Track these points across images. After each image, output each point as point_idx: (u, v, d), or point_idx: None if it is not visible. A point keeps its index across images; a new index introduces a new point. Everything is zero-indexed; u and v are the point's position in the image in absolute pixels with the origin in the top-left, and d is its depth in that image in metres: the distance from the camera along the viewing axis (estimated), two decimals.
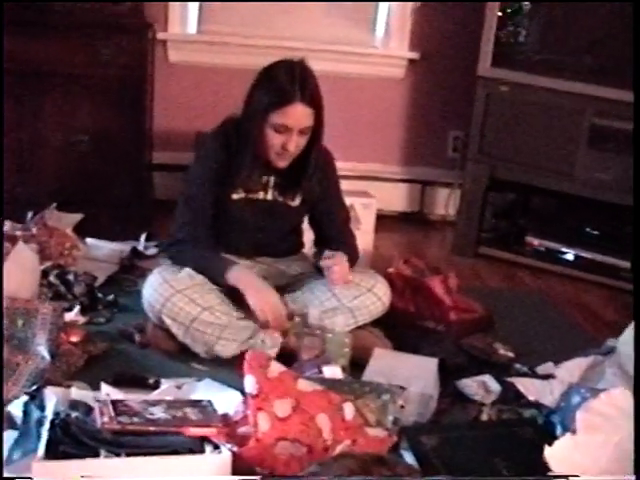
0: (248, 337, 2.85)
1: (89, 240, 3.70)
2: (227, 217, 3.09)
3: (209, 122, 3.22)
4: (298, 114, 2.90)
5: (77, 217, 3.72)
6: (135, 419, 2.19)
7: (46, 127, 3.96)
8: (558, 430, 2.46)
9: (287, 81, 2.89)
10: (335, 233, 3.22)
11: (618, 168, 4.04)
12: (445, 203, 4.99)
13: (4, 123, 3.79)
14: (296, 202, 3.14)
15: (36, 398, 2.25)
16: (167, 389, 2.53)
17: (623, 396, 2.47)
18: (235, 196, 3.06)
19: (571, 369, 2.83)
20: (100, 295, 3.23)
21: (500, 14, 4.12)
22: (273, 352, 2.80)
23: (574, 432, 2.33)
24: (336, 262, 2.98)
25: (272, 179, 3.09)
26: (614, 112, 4.00)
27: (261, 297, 2.90)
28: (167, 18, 4.52)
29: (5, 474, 1.96)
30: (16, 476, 1.93)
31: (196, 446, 2.15)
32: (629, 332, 2.93)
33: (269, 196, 3.11)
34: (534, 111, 4.14)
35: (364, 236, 3.96)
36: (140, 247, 3.77)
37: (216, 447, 2.18)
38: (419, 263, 3.56)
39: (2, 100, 3.73)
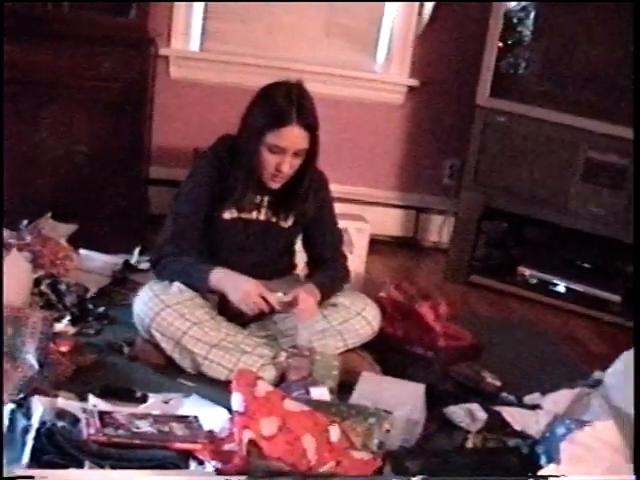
0: (237, 360, 2.84)
1: (82, 251, 3.70)
2: (219, 236, 3.10)
3: (207, 139, 3.22)
4: (293, 136, 2.91)
5: (72, 227, 3.73)
6: (121, 432, 2.20)
7: (44, 136, 3.96)
8: (542, 460, 2.46)
9: (284, 102, 2.90)
10: (327, 255, 3.23)
11: (611, 202, 4.06)
12: (439, 230, 5.01)
13: (4, 128, 3.80)
14: (289, 223, 3.15)
15: (23, 406, 2.25)
16: (154, 403, 2.53)
17: (608, 429, 2.49)
18: (227, 215, 3.07)
19: (557, 400, 2.84)
20: (91, 306, 3.23)
21: (501, 45, 4.16)
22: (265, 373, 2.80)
23: (558, 463, 2.34)
24: (301, 302, 2.93)
25: (265, 199, 3.10)
26: (610, 147, 4.03)
27: (237, 291, 2.89)
28: (170, 34, 4.55)
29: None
30: (16, 476, 1.92)
31: (181, 461, 2.16)
32: (616, 365, 2.95)
33: (262, 216, 3.12)
34: (531, 142, 4.17)
35: (356, 260, 3.97)
36: (133, 261, 3.77)
37: (200, 463, 2.18)
38: (410, 289, 3.57)
39: (2, 104, 3.74)
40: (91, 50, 3.91)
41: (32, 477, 1.90)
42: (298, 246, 3.33)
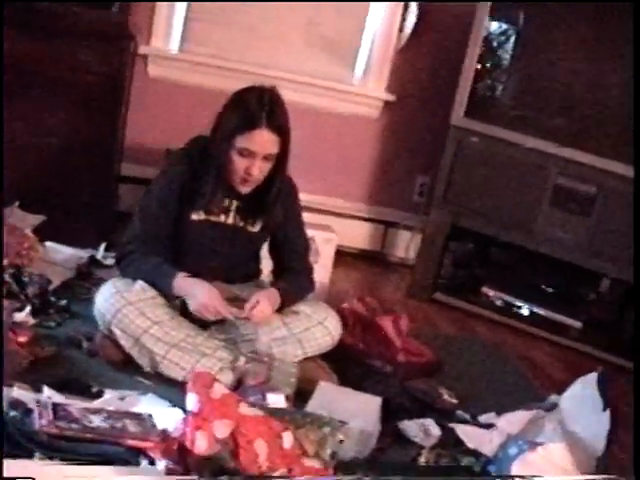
0: (195, 362, 2.83)
1: (48, 243, 3.68)
2: (185, 237, 3.10)
3: (181, 140, 3.22)
4: (263, 139, 2.92)
5: (39, 218, 3.70)
6: (73, 425, 2.19)
7: (16, 126, 3.92)
8: None
9: (255, 106, 2.91)
10: (292, 262, 3.24)
11: (578, 229, 4.10)
12: (406, 246, 5.02)
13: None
14: (256, 228, 3.15)
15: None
16: (109, 399, 2.52)
17: (560, 452, 2.52)
18: (195, 217, 3.07)
19: (512, 421, 2.86)
20: (53, 299, 3.21)
21: (479, 66, 4.19)
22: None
23: None
24: (257, 303, 2.96)
25: (234, 203, 3.10)
26: (579, 174, 4.07)
27: (195, 300, 2.90)
28: (151, 33, 4.54)
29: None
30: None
31: (132, 458, 2.15)
32: (572, 390, 2.97)
33: (230, 220, 3.12)
34: (501, 165, 4.20)
35: (322, 270, 3.97)
36: (98, 256, 3.76)
37: (152, 462, 2.17)
38: (373, 302, 3.58)
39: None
40: (69, 42, 3.89)
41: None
42: (264, 252, 3.33)
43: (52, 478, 1.99)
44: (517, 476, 2.23)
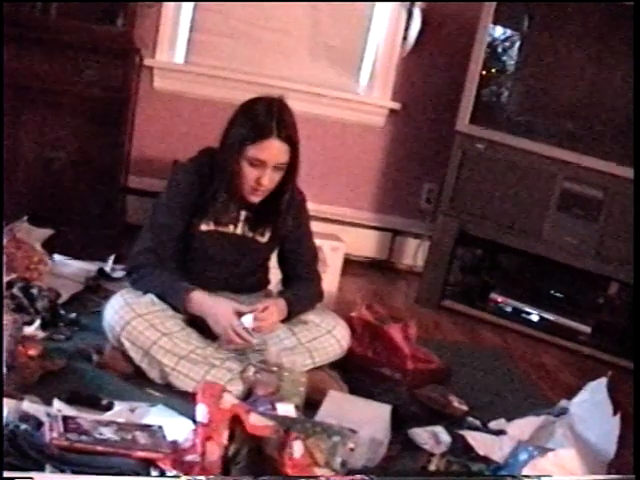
0: (205, 373, 2.84)
1: (57, 257, 3.70)
2: (194, 248, 3.10)
3: (187, 151, 3.23)
4: (273, 149, 2.93)
5: (47, 232, 3.72)
6: (84, 437, 2.19)
7: (24, 141, 3.96)
8: None
9: (264, 116, 2.92)
10: (301, 272, 3.24)
11: (585, 234, 4.10)
12: (413, 253, 5.02)
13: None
14: (265, 238, 3.16)
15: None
16: (119, 411, 2.53)
17: (570, 457, 2.51)
18: (204, 227, 3.07)
19: (522, 427, 2.86)
20: (62, 312, 3.22)
21: (484, 73, 4.19)
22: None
23: None
24: (267, 316, 2.95)
25: (243, 213, 3.11)
26: (586, 179, 4.07)
27: (217, 319, 2.90)
28: (156, 45, 4.56)
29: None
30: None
31: (142, 470, 2.15)
32: (582, 395, 2.97)
33: (239, 230, 3.12)
34: (508, 170, 4.20)
35: (330, 279, 3.98)
36: (107, 269, 3.76)
37: (162, 473, 2.17)
38: (381, 310, 3.58)
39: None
40: (75, 57, 3.91)
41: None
42: (273, 262, 3.34)
43: None
44: (524, 476, 2.22)
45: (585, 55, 4.13)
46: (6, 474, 1.90)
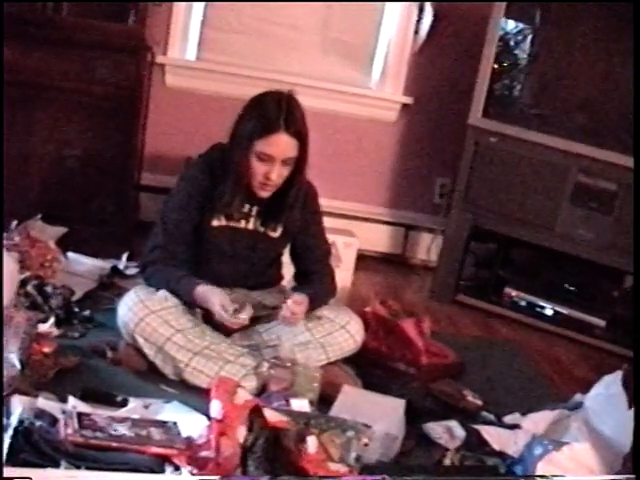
0: (219, 369, 2.85)
1: (71, 254, 3.71)
2: (206, 244, 3.11)
3: (200, 148, 3.24)
4: (282, 144, 2.93)
5: (61, 230, 3.73)
6: (98, 434, 2.21)
7: (36, 139, 3.97)
8: None
9: (273, 111, 2.92)
10: (314, 267, 3.24)
11: (599, 227, 4.09)
12: (427, 248, 5.01)
13: (3, 128, 3.80)
14: (277, 233, 3.16)
15: (2, 405, 2.25)
16: (134, 407, 2.54)
17: (585, 451, 2.51)
18: (216, 223, 3.08)
19: (537, 421, 2.85)
20: (76, 310, 3.23)
21: (496, 66, 4.18)
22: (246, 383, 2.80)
23: None
24: (296, 309, 2.96)
25: (254, 209, 3.11)
26: (599, 171, 4.05)
27: (212, 304, 2.90)
28: (167, 42, 4.56)
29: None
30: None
31: (157, 466, 2.16)
32: (597, 389, 2.96)
33: (250, 225, 3.13)
34: (521, 164, 4.18)
35: (343, 274, 3.98)
36: (121, 266, 3.77)
37: (177, 468, 2.18)
38: (395, 305, 3.58)
39: (2, 105, 3.75)
40: (87, 55, 3.92)
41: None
42: (286, 258, 3.34)
43: None
44: (539, 476, 2.22)
45: (597, 47, 4.11)
46: (20, 471, 1.92)
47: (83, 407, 2.41)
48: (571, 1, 4.10)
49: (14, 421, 2.14)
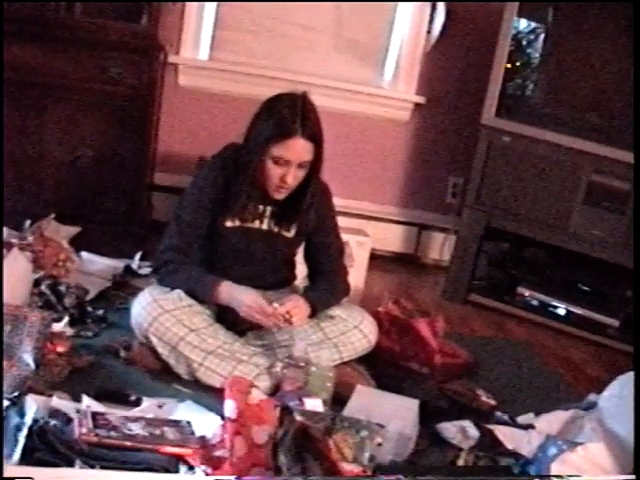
0: (232, 369, 2.85)
1: (84, 254, 3.72)
2: (220, 244, 3.10)
3: (213, 148, 3.23)
4: (298, 148, 2.92)
5: (74, 230, 3.75)
6: (113, 433, 2.21)
7: (50, 139, 3.99)
8: None
9: (289, 115, 2.91)
10: (327, 266, 3.24)
11: (613, 226, 4.07)
12: (440, 248, 5.02)
13: (4, 129, 3.81)
14: (291, 233, 3.16)
15: (17, 404, 2.26)
16: (148, 407, 2.54)
17: (599, 451, 2.50)
18: (229, 224, 3.08)
19: (551, 421, 2.84)
20: (90, 309, 3.24)
21: (508, 65, 4.17)
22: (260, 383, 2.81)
23: None
24: (294, 308, 2.96)
25: (268, 209, 3.11)
26: (613, 171, 4.04)
27: (241, 302, 2.92)
28: (180, 42, 4.57)
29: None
30: (16, 476, 1.93)
31: (171, 465, 2.16)
32: (611, 389, 2.94)
33: (264, 226, 3.13)
34: (534, 163, 4.18)
35: (356, 273, 3.97)
36: (134, 265, 3.78)
37: (191, 468, 2.18)
38: (408, 305, 3.57)
39: (2, 105, 3.76)
40: (100, 54, 3.94)
41: (31, 478, 1.91)
42: (299, 258, 3.34)
43: None
44: (554, 476, 2.21)
45: (610, 46, 4.10)
46: (34, 470, 1.92)
47: (97, 406, 2.41)
48: (583, 1, 4.09)
49: (29, 420, 2.14)
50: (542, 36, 4.20)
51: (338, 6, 4.72)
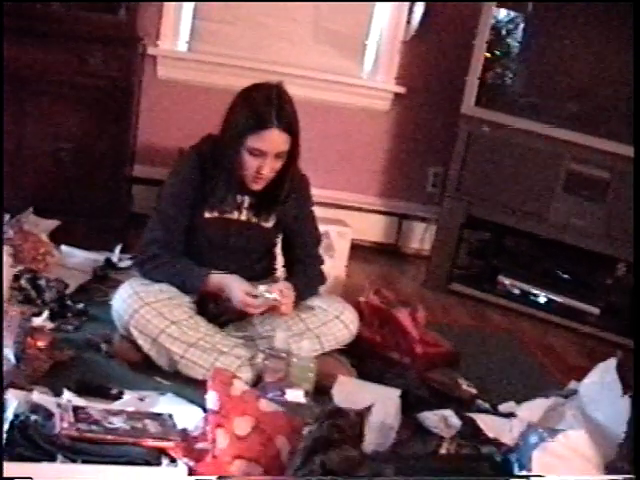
0: (214, 360, 2.84)
1: (64, 247, 3.71)
2: (200, 236, 3.10)
3: (192, 140, 3.21)
4: (274, 139, 2.92)
5: (53, 223, 3.73)
6: (94, 427, 2.20)
7: (28, 132, 3.96)
8: (515, 468, 2.47)
9: (264, 106, 2.90)
10: (303, 257, 3.24)
11: (592, 215, 4.10)
12: (420, 237, 5.02)
13: (3, 125, 3.79)
14: (270, 224, 3.16)
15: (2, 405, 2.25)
16: (129, 400, 2.54)
17: (580, 439, 2.50)
18: (208, 215, 3.07)
19: (532, 409, 2.85)
20: (70, 303, 3.23)
21: (488, 55, 4.17)
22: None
23: (529, 471, 2.35)
24: (284, 297, 2.97)
25: (247, 200, 3.11)
26: (592, 160, 4.06)
27: (233, 288, 2.93)
28: (159, 34, 4.55)
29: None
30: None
31: (153, 458, 2.16)
32: (592, 376, 2.96)
33: (243, 217, 3.12)
34: (514, 153, 4.19)
35: (337, 264, 3.98)
36: (114, 258, 3.77)
37: (173, 461, 2.18)
38: (389, 295, 3.58)
39: (2, 105, 3.74)
40: (78, 47, 3.90)
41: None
42: (278, 249, 3.34)
43: None
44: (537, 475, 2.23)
45: (589, 35, 4.12)
46: (16, 466, 1.92)
47: (78, 400, 2.41)
48: None
49: (10, 415, 2.13)
50: (522, 25, 4.21)
51: None
